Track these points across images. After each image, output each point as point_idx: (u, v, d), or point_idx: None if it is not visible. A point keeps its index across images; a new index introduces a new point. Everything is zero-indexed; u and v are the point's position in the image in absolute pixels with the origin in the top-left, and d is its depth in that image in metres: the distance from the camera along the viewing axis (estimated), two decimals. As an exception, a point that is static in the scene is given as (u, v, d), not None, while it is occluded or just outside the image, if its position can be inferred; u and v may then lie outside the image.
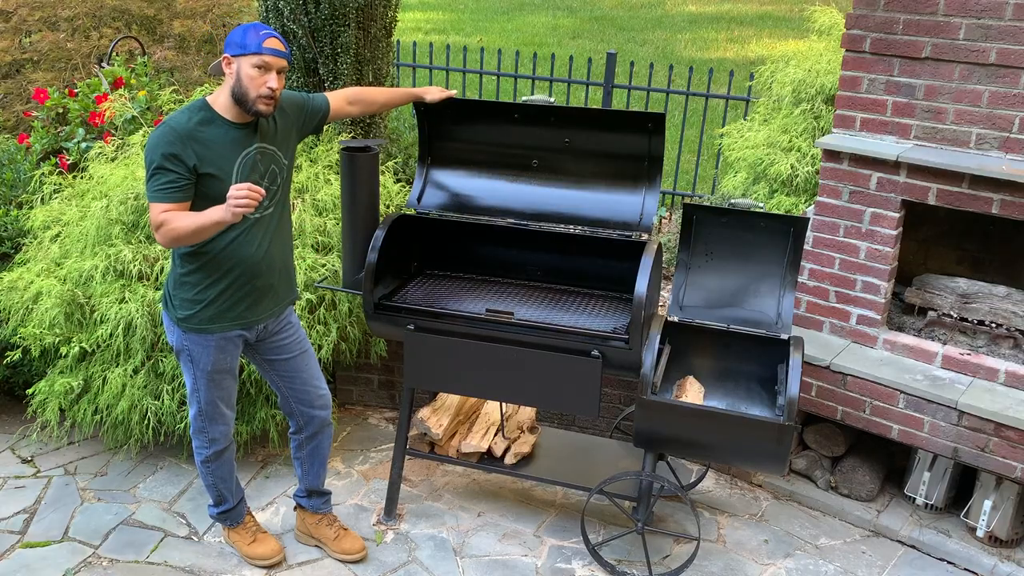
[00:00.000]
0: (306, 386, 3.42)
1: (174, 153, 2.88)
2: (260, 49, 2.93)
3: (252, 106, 2.96)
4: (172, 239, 2.90)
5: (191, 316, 3.12)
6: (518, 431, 3.97)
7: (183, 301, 3.12)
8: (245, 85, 2.94)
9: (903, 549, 3.80)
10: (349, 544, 3.63)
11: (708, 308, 3.64)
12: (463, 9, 14.45)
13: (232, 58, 2.95)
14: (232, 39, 2.95)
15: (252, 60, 2.93)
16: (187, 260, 3.07)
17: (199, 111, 2.98)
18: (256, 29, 2.96)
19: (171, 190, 2.90)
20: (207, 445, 3.37)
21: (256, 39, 2.93)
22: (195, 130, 2.93)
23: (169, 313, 3.18)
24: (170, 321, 3.19)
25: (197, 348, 3.17)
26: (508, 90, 8.87)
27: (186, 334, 3.15)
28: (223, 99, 2.99)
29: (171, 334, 3.22)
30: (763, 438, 3.31)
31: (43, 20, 6.34)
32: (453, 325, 3.49)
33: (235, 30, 2.97)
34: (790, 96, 5.10)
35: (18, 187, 4.64)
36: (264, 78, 2.94)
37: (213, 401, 3.28)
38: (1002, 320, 3.80)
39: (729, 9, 14.20)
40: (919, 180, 3.71)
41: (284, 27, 4.65)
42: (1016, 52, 3.50)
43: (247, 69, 2.93)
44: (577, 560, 3.68)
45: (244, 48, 2.93)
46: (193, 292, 3.09)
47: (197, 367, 3.20)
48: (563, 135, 3.61)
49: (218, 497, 3.52)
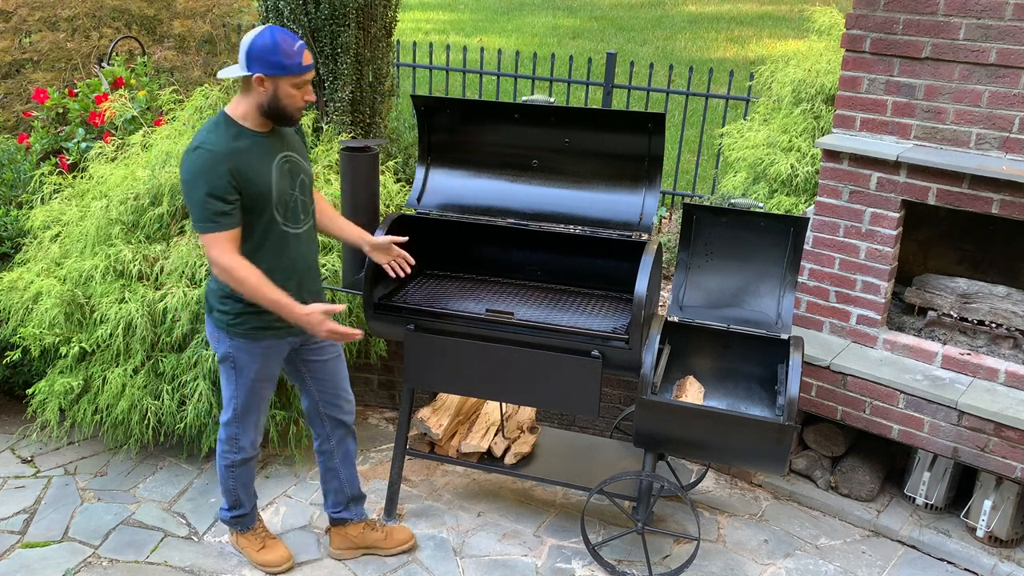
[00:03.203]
0: (337, 389, 3.42)
1: (219, 178, 2.84)
2: (302, 70, 2.88)
3: (290, 120, 2.96)
4: (236, 288, 2.94)
5: (241, 322, 3.08)
6: (518, 431, 3.97)
7: (234, 309, 3.07)
8: (284, 103, 2.91)
9: (903, 549, 3.80)
10: (402, 535, 3.65)
11: (708, 308, 3.64)
12: (463, 9, 14.45)
13: (267, 78, 2.86)
14: (264, 57, 2.83)
15: (293, 80, 2.89)
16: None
17: (228, 126, 2.93)
18: (288, 42, 2.85)
19: (224, 220, 2.88)
20: (235, 451, 3.34)
21: (295, 59, 2.85)
22: (232, 147, 2.89)
23: (214, 320, 3.14)
24: (215, 328, 3.15)
25: (244, 355, 3.14)
26: (508, 90, 8.87)
27: (233, 339, 3.11)
28: (244, 110, 2.94)
29: (216, 341, 3.18)
30: (763, 438, 3.31)
31: (43, 20, 6.34)
32: (453, 325, 3.49)
33: (261, 46, 2.83)
34: (790, 96, 5.10)
35: (18, 187, 4.64)
36: (302, 93, 2.93)
37: (250, 409, 3.26)
38: (1002, 320, 3.80)
39: (729, 9, 14.20)
40: (919, 180, 3.71)
41: (284, 27, 4.65)
42: (1016, 52, 3.50)
43: (287, 89, 2.89)
44: (577, 560, 3.68)
45: (285, 70, 2.85)
46: (244, 305, 3.05)
47: (241, 374, 3.17)
48: (563, 135, 3.61)
49: (235, 502, 3.49)
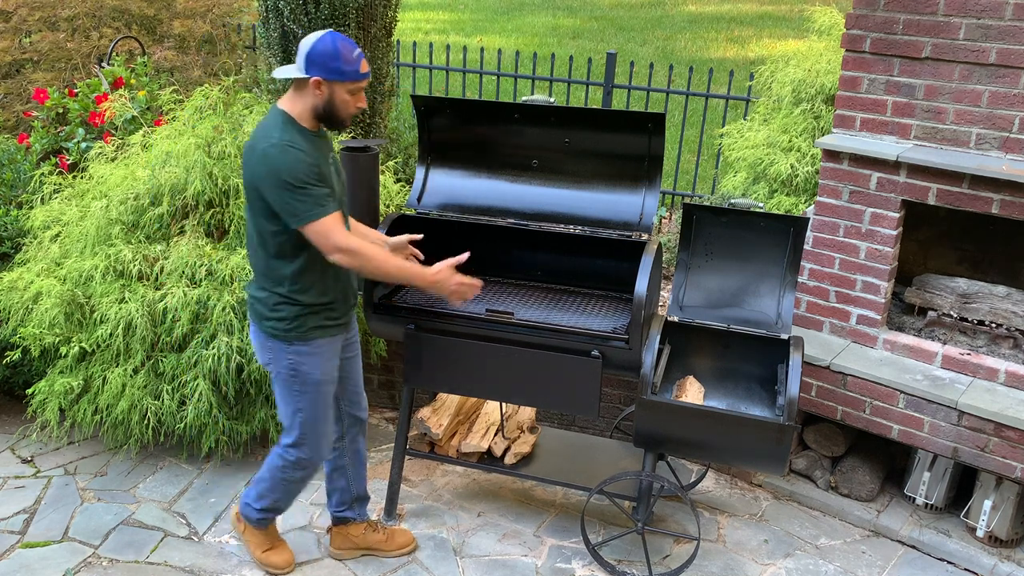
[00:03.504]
0: (357, 387, 3.43)
1: (311, 168, 2.89)
2: (359, 77, 2.93)
3: (341, 124, 3.00)
4: (359, 267, 3.00)
5: (298, 326, 3.06)
6: (518, 431, 3.97)
7: (291, 313, 3.05)
8: (339, 108, 2.95)
9: (903, 549, 3.80)
10: (403, 538, 3.65)
11: (708, 308, 3.64)
12: (463, 9, 14.45)
13: (324, 82, 2.90)
14: (324, 62, 2.87)
15: (350, 87, 2.93)
16: (299, 277, 3.03)
17: (292, 124, 2.94)
18: (348, 49, 2.90)
19: (330, 204, 2.92)
20: (299, 469, 3.30)
21: (354, 65, 2.90)
22: (308, 144, 2.94)
23: (268, 330, 3.09)
24: (270, 339, 3.10)
25: (306, 359, 3.11)
26: (508, 90, 8.87)
27: (291, 346, 3.08)
28: (300, 110, 2.95)
29: (271, 354, 3.13)
30: (763, 438, 3.31)
31: (43, 20, 6.34)
32: (453, 325, 3.49)
33: (322, 50, 2.87)
34: (790, 96, 5.10)
35: (18, 187, 4.64)
36: (356, 99, 2.97)
37: (318, 418, 3.21)
38: (1002, 320, 3.80)
39: (729, 9, 14.20)
40: (919, 180, 3.71)
41: (284, 27, 4.66)
42: (1016, 52, 3.50)
43: (343, 95, 2.93)
44: (577, 560, 3.68)
45: (343, 76, 2.89)
46: (302, 307, 3.05)
47: (307, 382, 3.13)
48: (563, 135, 3.61)
49: (273, 504, 3.42)
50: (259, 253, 3.05)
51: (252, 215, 3.01)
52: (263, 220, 2.97)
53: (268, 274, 3.05)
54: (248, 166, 2.94)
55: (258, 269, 3.09)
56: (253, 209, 2.99)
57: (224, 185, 3.98)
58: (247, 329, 3.79)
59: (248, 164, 2.94)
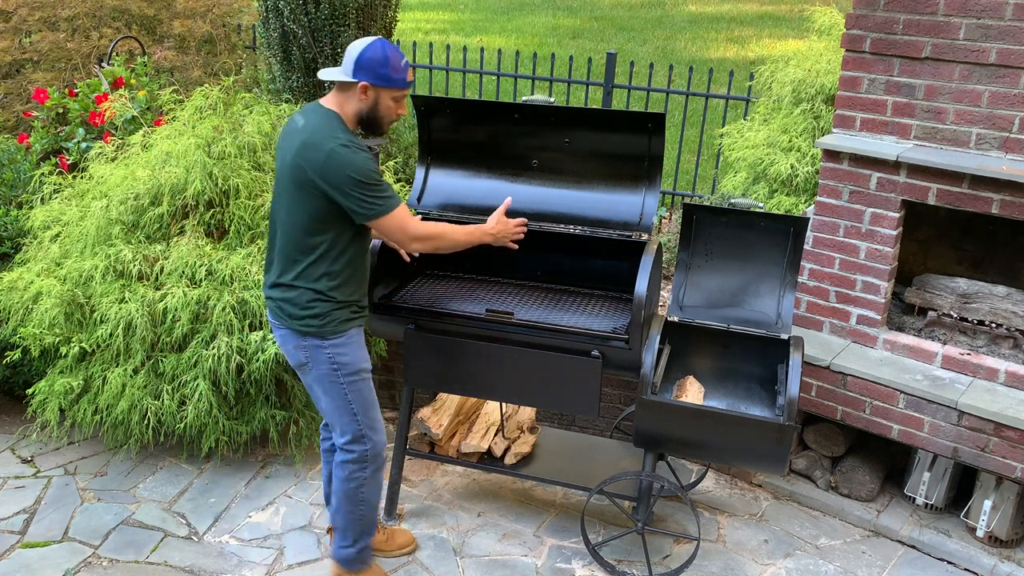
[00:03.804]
0: None
1: (375, 164, 2.96)
2: (405, 85, 3.00)
3: (380, 129, 3.05)
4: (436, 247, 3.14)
5: (333, 319, 3.06)
6: (518, 431, 3.97)
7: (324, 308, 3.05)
8: (382, 113, 3.01)
9: (903, 549, 3.80)
10: (403, 538, 3.65)
11: (708, 308, 3.64)
12: (463, 9, 14.45)
13: (372, 87, 2.95)
14: (373, 68, 2.93)
15: (394, 94, 3.00)
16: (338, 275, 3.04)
17: (345, 125, 2.99)
18: (397, 57, 2.96)
19: (397, 195, 2.99)
20: (366, 464, 3.23)
21: (401, 74, 2.98)
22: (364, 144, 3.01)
23: (303, 329, 3.06)
24: (305, 338, 3.08)
25: (345, 350, 3.11)
26: (508, 90, 8.87)
27: (328, 340, 3.07)
28: (348, 114, 3.00)
29: (308, 353, 3.10)
30: (763, 438, 3.31)
31: (43, 20, 6.34)
32: (453, 325, 3.49)
33: (372, 56, 2.93)
34: (790, 96, 5.10)
35: (18, 187, 4.64)
36: (398, 106, 3.04)
37: (369, 404, 3.20)
38: (1002, 320, 3.80)
39: (729, 9, 14.20)
40: (919, 180, 3.71)
41: (284, 27, 4.66)
42: (1016, 52, 3.50)
43: (387, 101, 3.00)
44: (577, 560, 3.68)
45: (390, 83, 2.96)
46: (335, 303, 3.06)
47: (349, 372, 3.13)
48: (563, 135, 3.61)
49: (364, 528, 3.33)
50: (293, 251, 3.02)
51: (295, 213, 2.98)
52: (310, 218, 2.96)
53: (303, 272, 3.02)
54: (307, 163, 2.91)
55: (288, 267, 3.05)
56: (299, 207, 2.97)
57: (224, 185, 3.98)
58: (247, 329, 3.80)
59: (307, 161, 2.91)
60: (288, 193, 2.99)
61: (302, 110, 3.08)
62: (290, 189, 2.97)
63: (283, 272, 3.06)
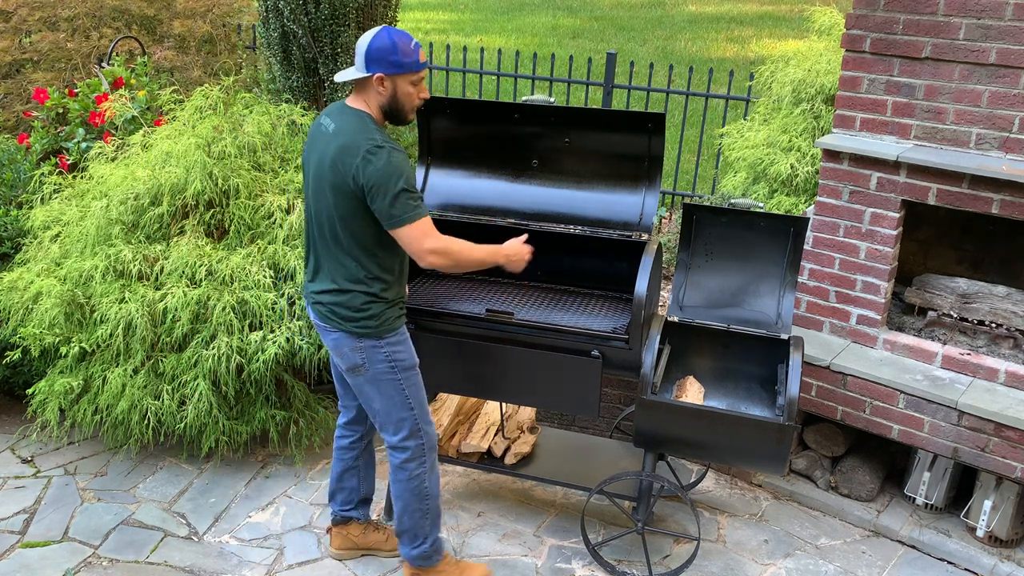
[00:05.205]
0: None
1: (410, 170, 2.92)
2: (419, 67, 2.93)
3: (405, 118, 3.00)
4: (453, 264, 3.02)
5: (387, 319, 3.07)
6: (518, 431, 3.97)
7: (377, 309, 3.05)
8: (402, 101, 2.96)
9: (903, 549, 3.80)
10: None
11: (708, 308, 3.64)
12: (463, 9, 14.45)
13: (387, 77, 2.90)
14: (381, 56, 2.88)
15: (411, 78, 2.94)
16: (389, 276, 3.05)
17: (377, 123, 2.96)
18: (405, 41, 2.90)
19: (423, 207, 2.94)
20: (424, 457, 3.23)
21: (413, 56, 2.90)
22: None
23: (358, 331, 3.05)
24: (360, 340, 3.07)
25: (400, 348, 3.12)
26: (508, 90, 8.87)
27: (383, 340, 3.07)
28: (374, 111, 2.97)
29: (364, 355, 3.09)
30: (763, 438, 3.31)
31: (43, 20, 6.35)
32: (453, 325, 3.49)
33: (379, 46, 2.88)
34: (790, 96, 5.10)
35: (18, 187, 4.64)
36: (419, 89, 2.98)
37: (422, 400, 3.21)
38: (1002, 320, 3.80)
39: (729, 9, 14.20)
40: (919, 180, 3.71)
41: (284, 27, 4.66)
42: (1016, 52, 3.50)
43: (405, 87, 2.94)
44: (577, 560, 3.68)
45: (403, 68, 2.90)
46: (387, 304, 3.07)
47: (406, 369, 3.13)
48: (563, 135, 3.61)
49: (435, 520, 3.33)
50: (343, 256, 3.00)
51: (344, 219, 2.95)
52: (362, 221, 2.94)
53: (356, 275, 3.01)
54: (344, 167, 2.88)
55: (339, 271, 3.03)
56: (346, 212, 2.94)
57: (224, 185, 3.98)
58: (247, 329, 3.80)
59: (345, 166, 2.88)
60: (331, 199, 2.95)
61: (328, 112, 3.04)
62: (333, 195, 2.94)
63: (333, 276, 3.04)
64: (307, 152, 3.07)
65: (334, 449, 3.53)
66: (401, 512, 3.31)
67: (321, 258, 3.07)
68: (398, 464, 3.24)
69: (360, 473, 3.54)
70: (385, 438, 3.25)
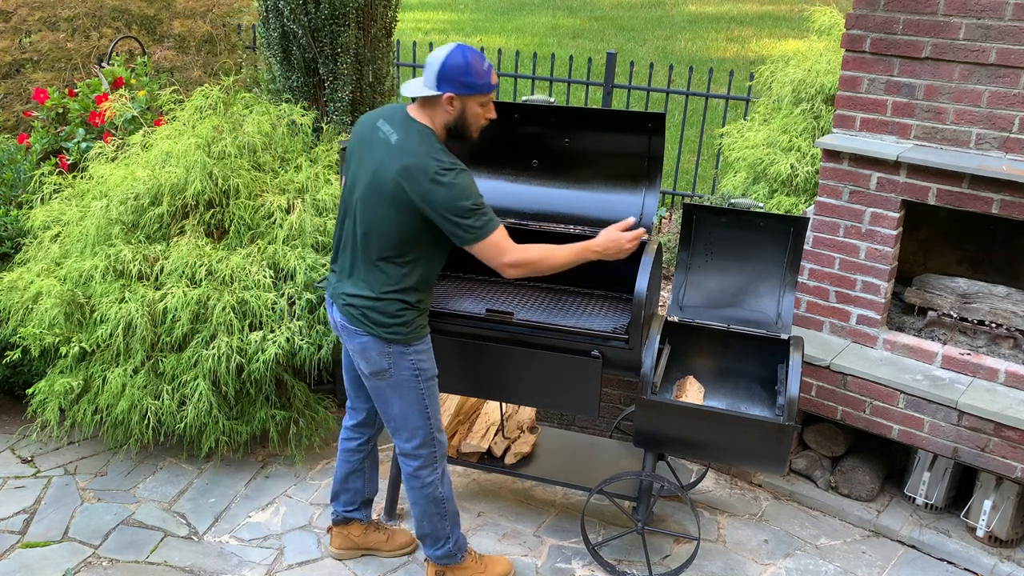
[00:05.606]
0: None
1: (476, 185, 2.94)
2: (490, 89, 2.93)
3: (469, 137, 3.00)
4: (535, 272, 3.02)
5: (417, 326, 3.08)
6: (518, 431, 3.97)
7: (409, 316, 3.05)
8: (470, 121, 2.96)
9: (903, 549, 3.80)
10: (403, 538, 3.66)
11: (708, 308, 3.64)
12: (463, 9, 14.45)
13: (457, 97, 2.89)
14: (455, 76, 2.86)
15: (481, 99, 2.94)
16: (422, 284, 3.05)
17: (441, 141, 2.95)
18: (479, 62, 2.89)
19: (496, 219, 2.95)
20: (436, 463, 3.25)
21: (485, 78, 2.90)
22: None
23: (389, 337, 3.05)
24: (390, 345, 3.06)
25: (425, 356, 3.13)
26: (508, 90, 8.87)
27: (410, 347, 3.07)
28: (439, 127, 2.96)
29: (391, 360, 3.08)
30: (763, 438, 3.31)
31: (43, 20, 6.34)
32: (453, 325, 3.49)
33: (453, 65, 2.86)
34: (790, 96, 5.10)
35: (18, 187, 4.64)
36: (486, 110, 2.98)
37: (438, 411, 3.22)
38: (1002, 320, 3.80)
39: (729, 9, 14.21)
40: (919, 180, 3.71)
41: (284, 27, 4.65)
42: (1016, 52, 3.50)
43: (474, 108, 2.94)
44: (577, 560, 3.68)
45: (475, 89, 2.89)
46: (418, 311, 3.07)
47: (428, 378, 3.14)
48: (563, 135, 3.61)
49: (453, 520, 3.36)
50: (383, 263, 2.99)
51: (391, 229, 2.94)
52: (407, 235, 2.93)
53: (394, 283, 3.00)
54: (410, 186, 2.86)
55: (376, 277, 3.01)
56: (394, 223, 2.93)
57: (224, 185, 3.98)
58: (247, 329, 3.80)
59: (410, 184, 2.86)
60: (387, 213, 2.93)
61: (388, 116, 3.01)
62: (390, 210, 2.92)
63: (370, 282, 3.02)
64: (359, 151, 3.02)
65: (339, 451, 3.53)
66: (420, 517, 3.34)
67: (358, 262, 3.04)
68: (411, 472, 3.26)
69: (365, 475, 3.55)
70: (397, 444, 3.25)
